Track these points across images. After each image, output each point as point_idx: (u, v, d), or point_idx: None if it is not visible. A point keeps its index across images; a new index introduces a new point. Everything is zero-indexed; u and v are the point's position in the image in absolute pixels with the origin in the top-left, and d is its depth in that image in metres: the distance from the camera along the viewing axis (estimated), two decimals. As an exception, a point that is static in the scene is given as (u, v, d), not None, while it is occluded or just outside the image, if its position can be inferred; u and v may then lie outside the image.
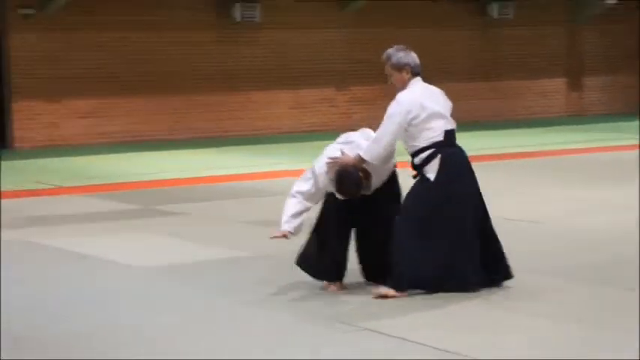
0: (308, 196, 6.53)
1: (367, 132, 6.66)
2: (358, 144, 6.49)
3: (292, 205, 6.52)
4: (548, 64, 23.51)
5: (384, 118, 6.45)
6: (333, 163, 6.43)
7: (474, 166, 6.66)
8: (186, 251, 8.32)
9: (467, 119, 21.95)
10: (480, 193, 6.55)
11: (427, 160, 6.37)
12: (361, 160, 6.40)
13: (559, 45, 23.70)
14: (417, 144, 6.39)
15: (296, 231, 6.53)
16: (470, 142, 7.46)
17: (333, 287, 6.65)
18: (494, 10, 22.22)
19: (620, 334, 5.45)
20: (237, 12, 19.65)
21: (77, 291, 6.89)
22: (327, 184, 6.47)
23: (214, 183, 12.96)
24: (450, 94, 6.84)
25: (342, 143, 6.62)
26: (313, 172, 6.54)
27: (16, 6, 18.02)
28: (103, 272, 7.54)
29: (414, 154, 6.43)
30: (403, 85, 6.56)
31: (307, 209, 6.55)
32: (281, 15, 20.36)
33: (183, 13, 19.49)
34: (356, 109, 21.20)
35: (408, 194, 6.46)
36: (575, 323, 5.75)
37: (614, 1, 22.90)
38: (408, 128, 6.39)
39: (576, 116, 23.63)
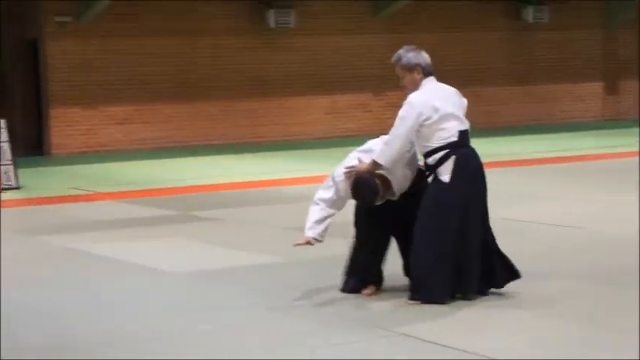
0: (330, 203, 6.52)
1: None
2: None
3: (315, 212, 6.52)
4: (584, 68, 23.34)
5: (396, 120, 6.40)
6: (349, 172, 6.41)
7: (511, 170, 6.64)
8: (221, 257, 8.34)
9: (503, 124, 21.90)
10: (486, 198, 6.48)
11: (441, 161, 6.32)
12: (375, 164, 6.34)
13: (595, 49, 23.53)
14: (430, 144, 6.34)
15: (320, 237, 6.52)
16: (506, 147, 7.42)
17: (367, 291, 6.64)
18: (529, 14, 22.11)
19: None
20: (272, 18, 19.70)
21: (111, 296, 6.93)
22: (347, 192, 6.44)
23: (249, 189, 12.99)
24: (486, 98, 6.82)
25: (362, 151, 6.58)
26: (333, 180, 6.53)
27: (53, 14, 18.19)
28: (138, 277, 7.58)
29: (428, 155, 6.37)
30: (415, 86, 6.49)
31: (331, 215, 6.54)
32: (315, 20, 20.39)
33: (218, 20, 19.58)
34: (391, 114, 20.93)
35: (426, 197, 6.36)
36: (604, 328, 5.71)
37: (650, 4, 22.71)
38: (421, 130, 6.34)
39: (613, 120, 23.44)
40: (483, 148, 7.01)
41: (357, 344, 5.56)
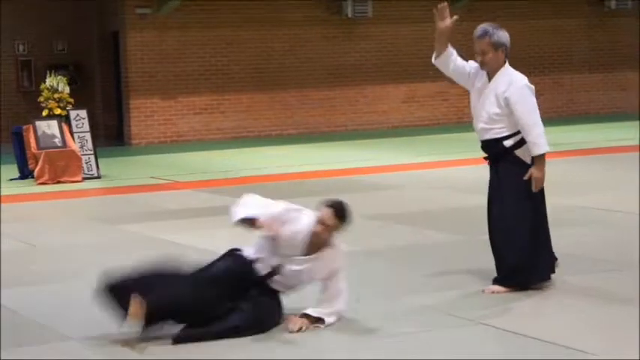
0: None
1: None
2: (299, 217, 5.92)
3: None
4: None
5: (523, 105, 6.21)
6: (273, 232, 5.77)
7: (597, 158, 6.55)
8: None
9: (585, 111, 21.54)
10: None
11: (520, 143, 6.27)
12: (544, 156, 6.24)
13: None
14: (511, 127, 6.27)
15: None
16: (588, 135, 7.29)
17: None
18: (611, 2, 21.68)
19: None
20: (349, 7, 19.67)
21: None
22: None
23: (326, 177, 13.00)
24: (568, 86, 6.73)
25: (293, 210, 6.08)
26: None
27: (133, 5, 18.42)
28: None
29: (505, 138, 6.28)
30: (497, 65, 6.34)
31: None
32: (392, 9, 20.29)
33: (295, 10, 19.61)
34: (468, 103, 20.92)
35: (511, 180, 6.25)
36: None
37: None
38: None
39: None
40: (564, 136, 6.90)
41: (434, 332, 5.52)
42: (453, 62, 6.50)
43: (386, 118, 20.45)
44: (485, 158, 6.56)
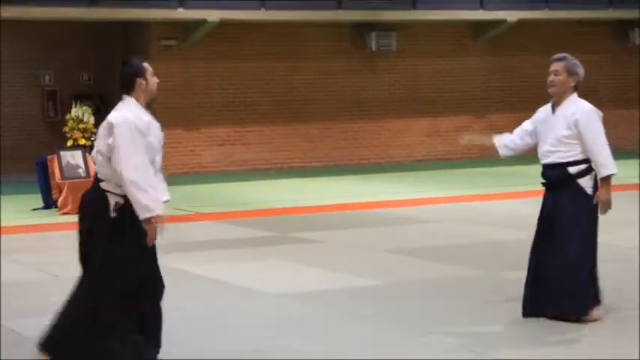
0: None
1: None
2: None
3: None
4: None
5: (592, 128, 6.40)
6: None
7: (622, 196, 6.58)
8: (319, 279, 8.32)
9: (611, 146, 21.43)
10: None
11: (585, 173, 6.43)
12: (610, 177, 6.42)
13: None
14: (579, 154, 6.42)
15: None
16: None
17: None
18: (636, 37, 21.64)
19: None
20: (373, 41, 19.72)
21: (210, 316, 6.97)
22: None
23: (349, 210, 12.97)
24: None
25: None
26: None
27: (159, 37, 18.55)
28: (238, 298, 7.61)
29: (571, 164, 6.41)
30: (563, 90, 6.54)
31: None
32: (416, 43, 20.33)
33: (320, 43, 19.68)
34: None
35: (572, 207, 6.37)
36: None
37: None
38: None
39: None
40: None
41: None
42: (514, 140, 6.87)
43: (409, 151, 20.43)
44: (543, 184, 6.65)
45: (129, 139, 5.47)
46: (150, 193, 5.40)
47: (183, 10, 17.98)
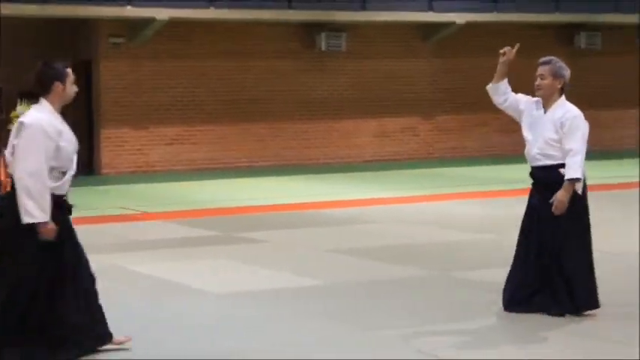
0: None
1: None
2: None
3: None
4: (637, 94, 23.09)
5: (575, 133, 6.58)
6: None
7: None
8: (265, 279, 8.35)
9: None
10: None
11: None
12: (577, 180, 6.54)
13: (647, 75, 23.26)
14: (565, 156, 6.60)
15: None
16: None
17: None
18: (581, 41, 21.96)
19: None
20: (323, 41, 19.77)
21: (155, 315, 6.96)
22: None
23: (296, 211, 13.01)
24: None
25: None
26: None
27: (107, 35, 18.44)
28: (183, 298, 7.60)
29: (561, 166, 6.58)
30: (550, 94, 6.72)
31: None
32: (366, 44, 20.43)
33: (269, 43, 19.70)
34: (439, 139, 21.11)
35: (571, 210, 6.53)
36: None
37: None
38: None
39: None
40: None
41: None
42: (508, 95, 6.96)
43: (358, 152, 20.52)
44: (533, 184, 6.80)
45: (34, 142, 5.52)
46: (38, 202, 5.47)
47: (132, 7, 17.89)
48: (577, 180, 6.51)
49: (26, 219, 5.47)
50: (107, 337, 5.86)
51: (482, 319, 6.60)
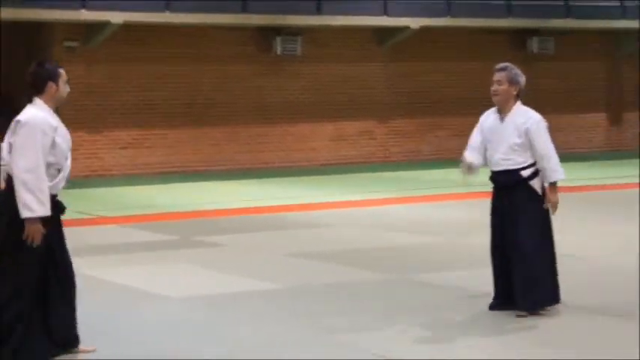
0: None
1: None
2: None
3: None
4: (588, 98, 23.41)
5: (542, 136, 6.79)
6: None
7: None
8: (222, 282, 8.36)
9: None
10: None
11: (535, 175, 6.81)
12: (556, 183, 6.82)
13: (599, 80, 23.60)
14: (528, 159, 6.80)
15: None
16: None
17: None
18: (533, 45, 22.21)
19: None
20: (278, 45, 19.81)
21: (113, 320, 6.95)
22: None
23: (252, 215, 13.02)
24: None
25: None
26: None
27: (61, 39, 18.32)
28: (139, 302, 7.60)
29: (523, 168, 6.79)
30: (506, 99, 6.88)
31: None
32: (321, 48, 20.50)
33: (225, 46, 19.68)
34: (394, 142, 21.23)
35: (526, 208, 6.74)
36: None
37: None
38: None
39: (616, 151, 23.46)
40: (485, 177, 7.10)
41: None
42: (478, 157, 7.00)
43: (313, 155, 20.58)
44: (495, 188, 6.96)
45: (30, 139, 5.60)
46: (37, 196, 5.51)
47: (87, 11, 17.80)
48: (561, 180, 6.83)
49: (25, 213, 5.48)
50: (76, 341, 5.92)
51: (438, 321, 6.68)
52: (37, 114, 5.75)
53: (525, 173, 6.80)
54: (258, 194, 15.42)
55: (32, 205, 5.50)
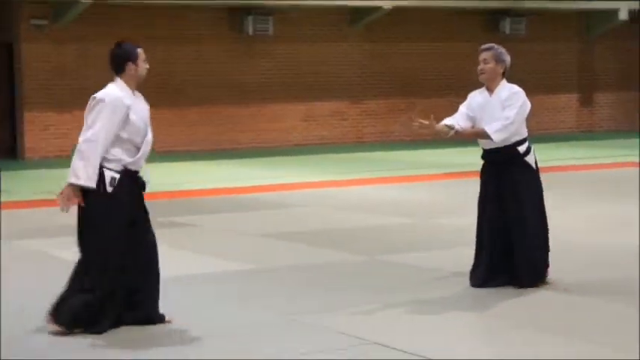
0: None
1: None
2: None
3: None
4: (559, 80, 23.49)
5: (514, 103, 6.81)
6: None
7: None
8: (194, 263, 8.33)
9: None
10: None
11: (528, 151, 6.92)
12: (484, 134, 6.77)
13: (571, 61, 23.68)
14: (523, 134, 6.89)
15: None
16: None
17: None
18: (506, 26, 22.23)
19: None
20: (250, 25, 19.70)
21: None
22: None
23: (225, 195, 12.98)
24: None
25: None
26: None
27: (29, 16, 18.10)
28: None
29: (518, 143, 6.85)
30: (492, 78, 6.98)
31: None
32: (293, 28, 20.42)
33: (198, 26, 19.56)
34: (367, 123, 21.21)
35: (524, 185, 6.83)
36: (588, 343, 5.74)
37: (626, 18, 22.87)
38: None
39: (587, 132, 23.58)
40: (457, 158, 7.09)
41: (325, 353, 5.56)
42: (458, 122, 6.95)
43: (286, 136, 20.53)
44: (487, 165, 7.01)
45: (99, 115, 5.91)
46: (86, 166, 5.76)
47: (55, -11, 17.61)
48: (489, 137, 6.74)
49: (72, 179, 5.81)
50: (160, 317, 6.18)
51: (409, 302, 6.66)
52: (111, 92, 6.02)
53: (521, 149, 6.89)
54: (230, 175, 15.37)
55: (79, 172, 5.77)
